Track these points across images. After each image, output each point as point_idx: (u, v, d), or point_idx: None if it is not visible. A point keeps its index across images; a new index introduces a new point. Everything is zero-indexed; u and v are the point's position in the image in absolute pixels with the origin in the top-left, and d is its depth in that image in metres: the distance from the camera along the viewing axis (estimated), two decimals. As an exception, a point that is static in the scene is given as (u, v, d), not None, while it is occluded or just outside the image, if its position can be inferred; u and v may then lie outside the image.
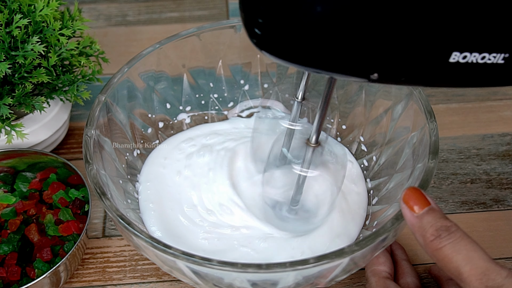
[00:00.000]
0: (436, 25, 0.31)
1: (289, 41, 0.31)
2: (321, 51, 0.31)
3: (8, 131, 0.51)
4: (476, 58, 0.32)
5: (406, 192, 0.38)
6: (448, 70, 0.33)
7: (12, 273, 0.47)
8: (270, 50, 0.32)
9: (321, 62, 0.32)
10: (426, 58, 0.32)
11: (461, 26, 0.31)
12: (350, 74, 0.33)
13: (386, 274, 0.46)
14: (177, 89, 0.58)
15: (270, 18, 0.30)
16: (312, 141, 0.42)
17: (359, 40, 0.31)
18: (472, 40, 0.32)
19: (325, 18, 0.29)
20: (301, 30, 0.30)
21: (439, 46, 0.32)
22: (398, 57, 0.32)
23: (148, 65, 0.54)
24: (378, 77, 0.32)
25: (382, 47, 0.31)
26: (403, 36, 0.31)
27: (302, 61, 0.32)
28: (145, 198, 0.52)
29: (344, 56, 0.31)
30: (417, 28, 0.30)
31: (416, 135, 0.48)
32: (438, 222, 0.36)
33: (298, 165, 0.44)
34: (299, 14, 0.30)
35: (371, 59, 0.32)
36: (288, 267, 0.38)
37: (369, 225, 0.50)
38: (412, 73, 0.33)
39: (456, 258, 0.35)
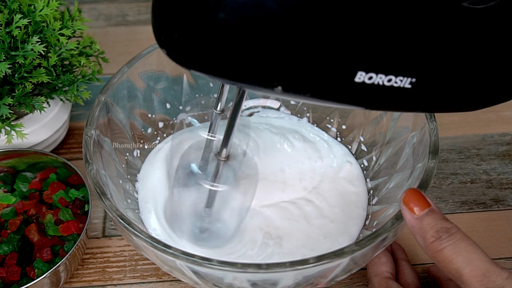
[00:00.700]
0: (342, 43, 0.30)
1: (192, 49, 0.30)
2: (223, 60, 0.30)
3: (8, 131, 0.51)
4: (382, 80, 0.32)
5: (406, 193, 0.38)
6: (354, 89, 0.32)
7: (12, 273, 0.47)
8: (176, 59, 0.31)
9: (223, 71, 0.31)
10: (331, 75, 0.31)
11: (367, 46, 0.30)
12: (253, 84, 0.31)
13: (388, 274, 0.46)
14: (177, 89, 0.58)
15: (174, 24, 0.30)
16: (221, 155, 0.41)
17: (262, 51, 0.30)
18: (378, 60, 0.31)
19: (227, 26, 0.29)
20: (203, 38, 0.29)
21: (344, 64, 0.31)
22: (301, 72, 0.31)
23: (148, 65, 0.54)
24: (281, 90, 0.31)
25: (284, 60, 0.30)
26: (307, 51, 0.30)
27: (205, 70, 0.31)
28: (144, 198, 0.52)
29: (246, 65, 0.30)
30: (322, 44, 0.30)
31: (416, 135, 0.48)
32: (438, 223, 0.36)
33: (207, 179, 0.43)
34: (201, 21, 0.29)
35: (273, 72, 0.30)
36: (288, 267, 0.37)
37: (369, 225, 0.50)
38: (317, 89, 0.32)
39: (456, 260, 0.35)
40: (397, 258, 0.49)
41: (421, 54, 0.32)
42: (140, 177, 0.54)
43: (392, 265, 0.47)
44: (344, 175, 0.54)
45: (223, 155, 0.42)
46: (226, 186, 0.44)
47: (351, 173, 0.54)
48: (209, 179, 0.44)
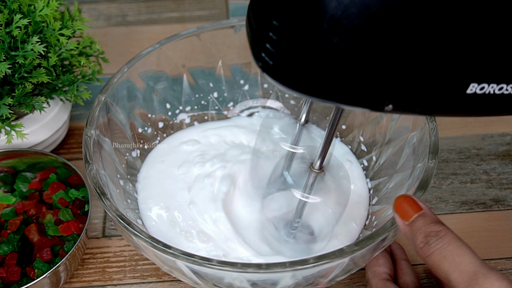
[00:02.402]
0: (454, 58, 0.30)
1: (301, 72, 0.30)
2: (334, 83, 0.30)
3: (8, 131, 0.51)
4: (493, 89, 0.32)
5: (396, 200, 0.38)
6: (465, 101, 0.32)
7: (12, 273, 0.47)
8: (279, 79, 0.31)
9: (333, 94, 0.31)
10: (443, 90, 0.31)
11: (479, 58, 0.30)
12: (363, 106, 0.32)
13: (386, 275, 0.46)
14: (177, 89, 0.58)
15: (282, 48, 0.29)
16: (315, 167, 0.41)
17: (374, 73, 0.30)
18: (490, 71, 0.31)
19: (339, 50, 0.28)
20: (315, 62, 0.29)
21: (456, 78, 0.31)
22: (413, 89, 0.31)
23: (148, 65, 0.54)
24: (392, 108, 0.32)
25: (397, 80, 0.30)
26: (420, 69, 0.30)
27: (313, 92, 0.31)
28: (144, 198, 0.52)
29: (358, 88, 0.30)
30: (434, 61, 0.30)
31: (416, 135, 0.48)
32: (428, 227, 0.36)
33: (299, 190, 0.43)
34: (314, 46, 0.29)
35: (385, 91, 0.31)
36: (288, 267, 0.38)
37: (369, 225, 0.50)
38: (427, 104, 0.32)
39: (443, 265, 0.34)
40: (397, 258, 0.49)
41: None
42: (140, 178, 0.54)
43: (391, 266, 0.47)
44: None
45: (317, 166, 0.41)
46: (318, 198, 0.44)
47: (352, 173, 0.54)
48: (300, 189, 0.43)
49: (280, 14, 0.29)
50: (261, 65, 0.31)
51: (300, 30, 0.28)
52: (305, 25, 0.28)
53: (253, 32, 0.31)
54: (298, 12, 0.28)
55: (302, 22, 0.28)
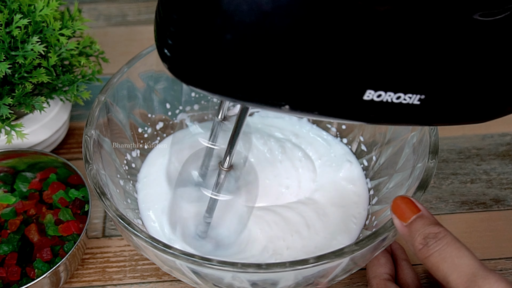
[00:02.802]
0: (350, 62, 0.30)
1: (197, 67, 0.30)
2: (228, 79, 0.30)
3: (8, 131, 0.51)
4: (391, 98, 0.32)
5: (394, 201, 0.38)
6: (363, 107, 0.32)
7: (12, 273, 0.47)
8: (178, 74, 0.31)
9: (229, 90, 0.31)
10: (339, 94, 0.31)
11: (376, 65, 0.30)
12: (260, 103, 0.31)
13: (387, 276, 0.46)
14: (177, 89, 0.58)
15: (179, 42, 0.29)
16: (224, 166, 0.42)
17: (267, 71, 0.29)
18: (386, 79, 0.31)
19: (233, 46, 0.28)
20: (209, 57, 0.29)
21: (352, 83, 0.31)
22: (309, 91, 0.31)
23: (148, 65, 0.54)
24: (289, 108, 0.31)
25: (292, 80, 0.30)
26: (314, 70, 0.30)
27: (210, 89, 0.31)
28: (144, 198, 0.52)
29: (252, 85, 0.30)
30: (330, 64, 0.30)
31: (416, 135, 0.48)
32: (426, 229, 0.36)
33: (209, 187, 0.44)
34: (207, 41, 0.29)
35: (281, 91, 0.30)
36: (288, 267, 0.38)
37: (369, 225, 0.50)
38: (325, 107, 0.32)
39: (442, 267, 0.34)
40: (397, 257, 0.49)
41: (430, 70, 0.32)
42: (140, 177, 0.54)
43: (392, 266, 0.47)
44: (344, 174, 0.54)
45: (226, 165, 0.42)
46: (227, 195, 0.44)
47: (351, 173, 0.54)
48: (210, 188, 0.44)
49: (179, 8, 0.29)
50: (163, 59, 0.31)
51: (196, 24, 0.28)
52: (199, 20, 0.28)
53: (157, 26, 0.31)
54: (194, 6, 0.28)
55: (197, 16, 0.28)
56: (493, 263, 0.52)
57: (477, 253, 0.51)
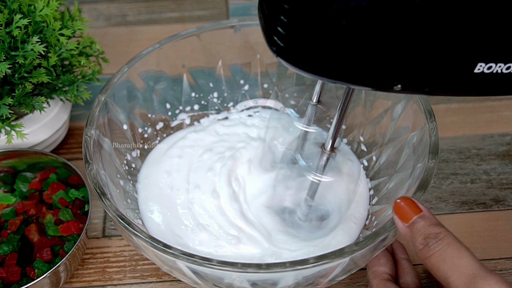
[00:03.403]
0: (461, 37, 0.30)
1: (312, 53, 0.31)
2: (344, 64, 0.31)
3: (8, 131, 0.51)
4: (501, 68, 0.32)
5: (396, 202, 0.38)
6: (473, 80, 0.33)
7: (12, 273, 0.47)
8: (292, 61, 0.31)
9: (343, 74, 0.31)
10: (451, 69, 0.32)
11: (486, 38, 0.31)
12: (373, 86, 0.32)
13: (387, 276, 0.46)
14: (177, 89, 0.58)
15: (293, 29, 0.30)
16: (327, 148, 0.42)
17: (383, 53, 0.30)
18: (497, 51, 0.31)
19: (349, 31, 0.29)
20: (325, 43, 0.30)
21: (464, 58, 0.31)
22: (422, 69, 0.31)
23: (148, 65, 0.54)
24: (401, 88, 0.32)
25: (406, 60, 0.31)
26: (427, 49, 0.30)
27: (324, 73, 0.32)
28: (144, 198, 0.52)
29: (367, 68, 0.31)
30: (442, 40, 0.30)
31: (416, 135, 0.48)
32: (427, 229, 0.36)
33: (311, 170, 0.43)
34: (323, 27, 0.29)
35: (394, 71, 0.31)
36: (288, 267, 0.38)
37: (369, 225, 0.50)
38: (436, 83, 0.33)
39: (443, 267, 0.34)
40: (398, 257, 0.49)
41: None
42: (140, 178, 0.54)
43: (392, 266, 0.47)
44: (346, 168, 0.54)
45: (329, 148, 0.42)
46: (329, 178, 0.44)
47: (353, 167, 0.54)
48: (312, 171, 0.43)
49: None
50: (274, 49, 0.31)
51: (310, 12, 0.29)
52: (314, 7, 0.29)
53: (265, 17, 0.32)
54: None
55: (311, 4, 0.29)
56: (493, 263, 0.52)
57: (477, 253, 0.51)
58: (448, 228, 0.37)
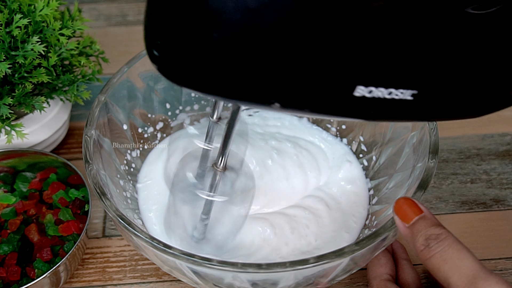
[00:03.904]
0: (339, 58, 0.29)
1: (185, 65, 0.29)
2: (217, 78, 0.30)
3: (8, 131, 0.51)
4: (382, 94, 0.31)
5: (396, 202, 0.38)
6: (354, 103, 0.31)
7: (12, 273, 0.47)
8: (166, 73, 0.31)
9: (218, 89, 0.30)
10: (329, 90, 0.31)
11: (366, 60, 0.30)
12: (251, 102, 0.31)
13: (388, 276, 0.46)
14: (177, 89, 0.58)
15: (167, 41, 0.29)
16: (218, 166, 0.41)
17: (256, 69, 0.29)
18: (376, 75, 0.30)
19: (221, 45, 0.28)
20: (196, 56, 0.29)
21: (342, 79, 0.30)
22: (298, 88, 0.30)
23: (148, 65, 0.54)
24: (279, 106, 0.31)
25: (281, 77, 0.29)
26: (302, 67, 0.29)
27: (199, 87, 0.30)
28: (145, 198, 0.52)
29: (241, 83, 0.30)
30: (319, 60, 0.29)
31: (416, 135, 0.48)
32: (428, 230, 0.36)
33: (204, 189, 0.43)
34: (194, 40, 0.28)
35: (270, 88, 0.30)
36: (288, 267, 0.38)
37: (369, 225, 0.50)
38: (316, 104, 0.31)
39: (443, 268, 0.34)
40: (398, 257, 0.49)
41: (422, 65, 0.31)
42: (140, 178, 0.54)
43: (392, 266, 0.47)
44: (344, 174, 0.54)
45: (220, 166, 0.42)
46: (222, 197, 0.44)
47: (351, 173, 0.54)
48: (206, 189, 0.44)
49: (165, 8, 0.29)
50: (152, 59, 0.31)
51: (182, 24, 0.28)
52: (186, 19, 0.28)
53: (145, 27, 0.31)
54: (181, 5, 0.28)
55: (184, 16, 0.28)
56: (493, 263, 0.52)
57: (477, 253, 0.51)
58: (448, 228, 0.37)
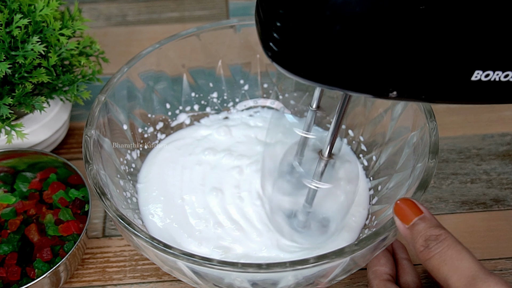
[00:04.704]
0: (457, 45, 0.30)
1: (306, 59, 0.30)
2: (339, 70, 0.31)
3: (8, 131, 0.51)
4: (499, 76, 0.32)
5: (396, 203, 0.38)
6: (470, 88, 0.32)
7: (12, 273, 0.47)
8: (287, 67, 0.31)
9: (338, 81, 0.31)
10: (447, 76, 0.31)
11: (483, 45, 0.30)
12: (368, 92, 0.32)
13: (388, 276, 0.45)
14: (177, 89, 0.58)
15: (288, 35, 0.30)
16: (324, 154, 0.41)
17: (377, 60, 0.30)
18: (495, 59, 0.31)
19: (342, 37, 0.29)
20: (319, 49, 0.30)
21: (460, 65, 0.31)
22: (418, 76, 0.31)
23: (148, 65, 0.54)
24: (397, 95, 0.32)
25: (401, 67, 0.30)
26: (423, 55, 0.30)
27: (318, 79, 0.31)
28: (145, 198, 0.52)
29: (362, 74, 0.31)
30: (438, 47, 0.30)
31: (416, 135, 0.48)
32: (428, 231, 0.36)
33: (309, 177, 0.43)
34: (317, 33, 0.29)
35: (389, 78, 0.31)
36: (288, 267, 0.38)
37: (370, 225, 0.50)
38: (432, 91, 0.32)
39: (443, 269, 0.35)
40: (398, 257, 0.49)
41: None
42: (140, 178, 0.54)
43: (392, 266, 0.47)
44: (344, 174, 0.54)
45: (326, 154, 0.41)
46: (327, 184, 0.44)
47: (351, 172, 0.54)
48: (310, 177, 0.43)
49: (285, 2, 0.29)
50: (270, 54, 0.31)
51: (304, 17, 0.29)
52: (308, 12, 0.29)
53: (261, 22, 0.32)
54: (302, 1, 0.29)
55: (305, 10, 0.29)
56: (493, 263, 0.52)
57: (477, 253, 0.51)
58: (448, 228, 0.37)
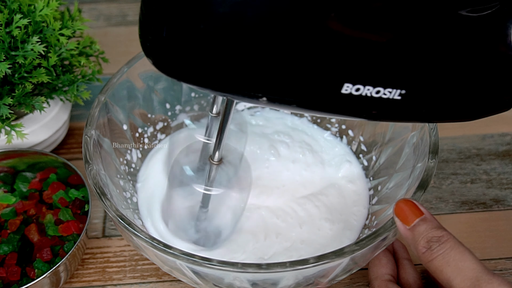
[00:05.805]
0: (327, 55, 0.29)
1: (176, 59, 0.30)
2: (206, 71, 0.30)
3: (8, 131, 0.51)
4: (370, 92, 0.31)
5: (397, 204, 0.38)
6: (341, 100, 0.31)
7: (12, 273, 0.47)
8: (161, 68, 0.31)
9: (207, 81, 0.31)
10: (316, 86, 0.31)
11: (354, 59, 0.30)
12: (237, 94, 0.31)
13: (389, 276, 0.45)
14: (177, 89, 0.58)
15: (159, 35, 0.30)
16: (214, 159, 0.42)
17: (243, 62, 0.29)
18: (365, 73, 0.30)
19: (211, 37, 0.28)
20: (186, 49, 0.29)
21: (329, 76, 0.30)
22: (286, 83, 0.30)
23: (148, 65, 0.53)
24: (266, 100, 0.31)
25: (269, 71, 0.30)
26: (290, 62, 0.29)
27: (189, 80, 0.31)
28: (144, 198, 0.52)
29: (229, 76, 0.30)
30: (307, 56, 0.29)
31: (416, 135, 0.48)
32: (430, 233, 0.36)
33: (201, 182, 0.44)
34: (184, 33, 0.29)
35: (257, 82, 0.30)
36: (288, 267, 0.38)
37: (370, 225, 0.50)
38: (303, 99, 0.32)
39: (446, 270, 0.35)
40: (399, 257, 0.49)
41: (411, 65, 0.31)
42: (140, 178, 0.54)
43: (393, 266, 0.47)
44: (344, 174, 0.54)
45: (216, 158, 0.42)
46: (219, 189, 0.45)
47: (351, 172, 0.54)
48: (203, 182, 0.44)
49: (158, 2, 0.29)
50: (147, 54, 0.31)
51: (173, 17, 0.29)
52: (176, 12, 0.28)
53: (140, 22, 0.31)
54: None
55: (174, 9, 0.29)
56: (493, 263, 0.52)
57: (477, 253, 0.51)
58: (448, 228, 0.37)
